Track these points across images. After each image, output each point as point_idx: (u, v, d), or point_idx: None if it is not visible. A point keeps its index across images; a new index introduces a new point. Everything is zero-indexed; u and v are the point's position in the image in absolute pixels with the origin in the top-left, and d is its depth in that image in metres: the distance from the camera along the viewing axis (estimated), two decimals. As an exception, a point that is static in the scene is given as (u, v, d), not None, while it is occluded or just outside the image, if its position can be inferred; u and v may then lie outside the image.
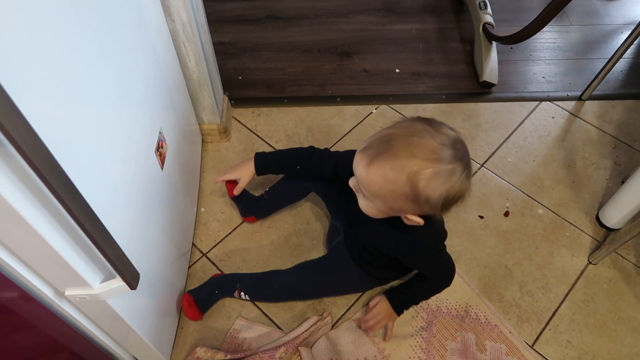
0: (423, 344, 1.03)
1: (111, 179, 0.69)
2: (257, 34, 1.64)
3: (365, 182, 0.73)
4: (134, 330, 0.80)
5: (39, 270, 0.61)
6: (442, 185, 0.69)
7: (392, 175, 0.69)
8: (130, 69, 0.78)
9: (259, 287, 1.06)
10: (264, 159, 1.03)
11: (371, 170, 0.71)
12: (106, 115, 0.68)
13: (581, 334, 1.05)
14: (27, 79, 0.48)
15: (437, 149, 0.68)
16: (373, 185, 0.73)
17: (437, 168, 0.68)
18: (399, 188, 0.70)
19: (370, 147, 0.72)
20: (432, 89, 1.51)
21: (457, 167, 0.69)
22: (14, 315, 0.66)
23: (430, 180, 0.68)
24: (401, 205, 0.74)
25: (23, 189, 0.48)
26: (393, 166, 0.69)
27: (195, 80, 1.17)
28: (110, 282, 0.65)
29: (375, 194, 0.74)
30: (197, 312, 1.03)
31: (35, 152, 0.43)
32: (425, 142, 0.68)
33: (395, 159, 0.69)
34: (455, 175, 0.69)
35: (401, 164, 0.68)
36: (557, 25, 1.70)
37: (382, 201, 0.75)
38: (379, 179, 0.71)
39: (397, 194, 0.71)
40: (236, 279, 1.07)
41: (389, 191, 0.71)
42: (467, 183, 0.71)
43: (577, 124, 1.42)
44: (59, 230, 0.55)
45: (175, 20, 1.02)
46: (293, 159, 1.01)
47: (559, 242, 1.19)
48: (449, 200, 0.71)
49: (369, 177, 0.72)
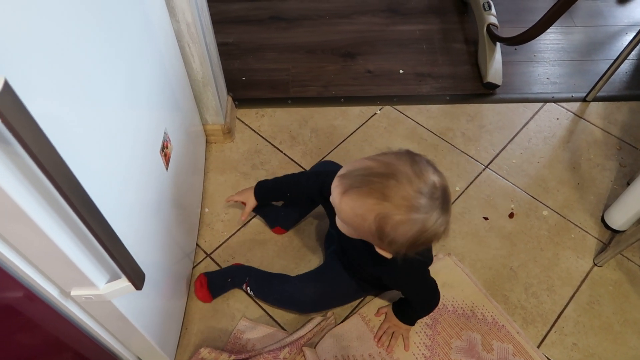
0: (427, 341, 1.03)
1: (117, 179, 0.69)
2: (260, 35, 1.64)
3: (338, 208, 0.74)
4: (138, 331, 0.80)
5: (45, 270, 0.61)
6: (409, 232, 0.68)
7: (361, 211, 0.69)
8: (136, 69, 0.78)
9: (262, 286, 1.06)
10: (262, 188, 1.07)
11: (343, 201, 0.71)
12: (113, 115, 0.68)
13: (587, 336, 1.05)
14: (35, 79, 0.48)
15: (411, 197, 0.66)
16: (344, 213, 0.73)
17: (406, 216, 0.67)
18: (366, 225, 0.70)
19: (347, 176, 0.71)
20: (436, 90, 1.51)
21: (430, 217, 0.67)
22: (19, 315, 0.66)
23: (397, 226, 0.67)
24: (369, 238, 0.75)
25: (30, 188, 0.48)
26: (363, 204, 0.68)
27: (200, 80, 1.17)
28: (116, 282, 0.65)
29: (345, 220, 0.75)
30: (207, 294, 1.05)
31: (42, 151, 0.42)
32: (401, 187, 0.66)
33: (368, 197, 0.68)
34: (428, 223, 0.67)
35: (371, 203, 0.68)
36: (562, 26, 1.70)
37: (352, 228, 0.75)
38: (349, 210, 0.71)
39: (364, 229, 0.71)
40: (248, 271, 1.08)
41: (357, 224, 0.72)
42: (441, 228, 0.69)
43: (581, 126, 1.42)
44: (66, 230, 0.55)
45: (179, 20, 1.02)
46: (285, 187, 1.04)
47: (564, 244, 1.18)
48: (419, 243, 0.70)
49: (340, 206, 0.72)
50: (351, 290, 1.04)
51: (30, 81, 0.46)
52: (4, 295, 0.61)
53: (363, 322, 1.05)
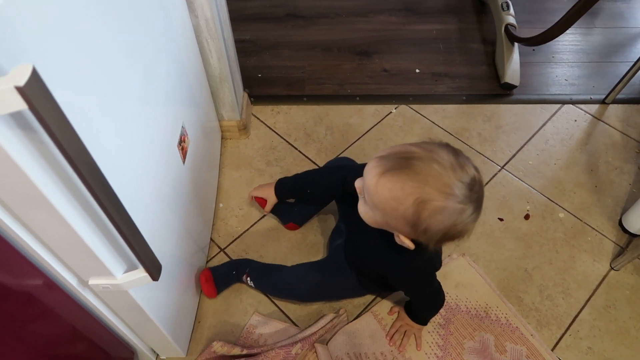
0: (440, 341, 1.02)
1: (136, 170, 0.70)
2: (277, 32, 1.65)
3: (372, 190, 0.71)
4: (153, 322, 0.81)
5: (64, 259, 0.62)
6: (445, 222, 0.67)
7: (400, 194, 0.67)
8: (155, 63, 0.78)
9: (262, 276, 1.07)
10: (282, 186, 1.07)
11: (381, 182, 0.68)
12: (133, 107, 0.69)
13: (602, 340, 1.04)
14: (60, 68, 0.49)
15: (453, 185, 0.65)
16: (378, 196, 0.70)
17: (446, 203, 0.65)
18: (402, 209, 0.68)
19: (388, 157, 0.69)
20: (452, 89, 1.50)
21: (467, 209, 0.67)
22: (38, 303, 0.67)
23: (435, 213, 0.66)
24: (398, 225, 0.72)
25: (53, 176, 0.48)
26: (404, 186, 0.67)
27: (217, 76, 1.18)
28: (133, 272, 0.66)
29: (377, 204, 0.71)
30: (212, 288, 1.05)
31: (67, 139, 0.43)
32: (445, 173, 0.65)
33: (409, 179, 0.66)
34: (462, 216, 0.67)
35: (413, 186, 0.66)
36: (581, 27, 1.68)
37: (381, 213, 0.72)
38: (386, 192, 0.68)
39: (398, 214, 0.69)
40: (248, 263, 1.09)
41: (391, 208, 0.69)
42: (471, 225, 0.69)
43: (600, 128, 1.40)
44: (86, 219, 0.56)
45: (198, 16, 1.02)
46: (306, 184, 1.04)
47: (580, 247, 1.17)
48: (448, 236, 0.69)
49: (376, 187, 0.69)
50: (349, 285, 1.03)
51: (55, 70, 0.47)
52: (25, 282, 0.62)
53: (375, 320, 1.05)
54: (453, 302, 1.07)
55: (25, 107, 0.38)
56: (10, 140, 0.42)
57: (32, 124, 0.43)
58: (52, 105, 0.41)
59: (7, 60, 0.40)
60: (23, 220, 0.53)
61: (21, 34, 0.42)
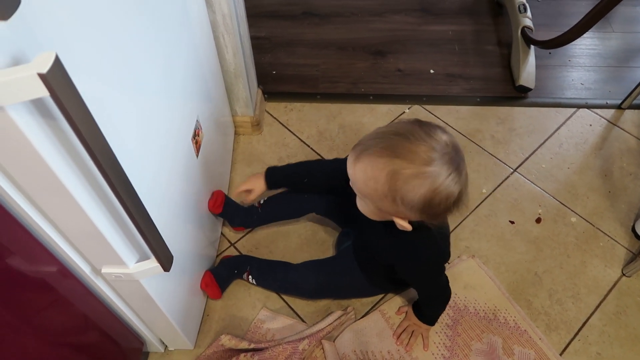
0: (447, 341, 1.02)
1: (151, 162, 0.71)
2: (292, 30, 1.65)
3: (353, 179, 0.74)
4: (162, 313, 0.82)
5: (79, 247, 0.63)
6: (421, 187, 0.67)
7: (372, 173, 0.70)
8: (172, 56, 0.79)
9: (265, 274, 1.07)
10: (274, 173, 1.04)
11: (357, 167, 0.72)
12: (150, 99, 0.70)
13: (612, 346, 1.03)
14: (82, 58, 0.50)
15: (421, 151, 0.67)
16: (359, 183, 0.73)
17: (417, 169, 0.67)
18: (380, 187, 0.70)
19: (359, 144, 0.72)
20: (466, 91, 1.49)
21: (441, 171, 0.67)
22: (51, 290, 0.68)
23: (408, 180, 0.67)
24: (385, 206, 0.73)
25: (71, 164, 0.49)
26: (375, 164, 0.69)
27: (232, 72, 1.18)
28: (146, 262, 0.67)
29: (361, 191, 0.75)
30: (217, 289, 1.04)
31: (86, 128, 0.44)
32: (411, 143, 0.68)
33: (378, 157, 0.69)
34: (439, 178, 0.67)
35: (383, 162, 0.68)
36: (599, 31, 1.66)
37: (369, 200, 0.75)
38: (362, 175, 0.71)
39: (379, 193, 0.71)
40: (248, 260, 1.09)
41: (372, 189, 0.71)
42: (454, 187, 0.69)
43: (615, 133, 1.39)
44: (102, 208, 0.57)
45: (216, 11, 1.03)
46: (301, 173, 1.03)
47: (591, 252, 1.16)
48: (433, 205, 0.69)
49: (355, 174, 0.73)
50: (355, 284, 1.03)
51: (78, 60, 0.48)
52: (40, 269, 0.63)
53: (383, 319, 1.05)
54: (461, 303, 1.07)
55: (47, 94, 0.39)
56: (32, 127, 0.43)
57: (52, 112, 0.44)
58: (73, 94, 0.42)
59: (30, 49, 0.41)
60: (40, 207, 0.54)
61: (46, 24, 0.43)
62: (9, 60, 0.38)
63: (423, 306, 0.99)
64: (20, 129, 0.42)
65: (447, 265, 1.12)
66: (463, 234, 1.18)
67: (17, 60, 0.39)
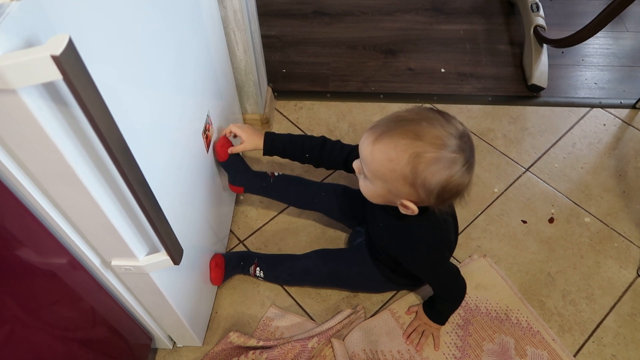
0: (458, 342, 1.00)
1: (163, 156, 0.70)
2: (303, 29, 1.65)
3: (368, 159, 0.74)
4: (171, 307, 0.81)
5: (89, 238, 0.62)
6: (441, 172, 0.69)
7: (394, 154, 0.70)
8: (184, 50, 0.79)
9: (274, 265, 1.06)
10: (274, 139, 0.98)
11: (375, 148, 0.72)
12: (162, 91, 0.69)
13: (627, 348, 1.01)
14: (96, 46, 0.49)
15: (444, 136, 0.69)
16: (375, 163, 0.73)
17: (440, 154, 0.69)
18: (400, 168, 0.70)
19: (378, 125, 0.73)
20: (478, 90, 1.48)
21: (459, 158, 0.70)
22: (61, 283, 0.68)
23: (431, 164, 0.69)
24: (398, 188, 0.74)
25: (83, 152, 0.49)
26: (397, 145, 0.70)
27: (242, 68, 1.18)
28: (156, 255, 0.66)
29: (375, 173, 0.75)
30: (221, 275, 1.02)
31: (99, 114, 0.43)
32: (433, 128, 0.70)
33: (401, 138, 0.70)
34: (456, 166, 0.69)
35: (406, 143, 0.69)
36: (612, 31, 1.64)
37: (381, 181, 0.75)
38: (382, 156, 0.72)
39: (397, 175, 0.71)
40: (256, 254, 1.09)
41: (389, 170, 0.72)
42: (466, 176, 0.71)
43: (630, 133, 1.37)
44: (113, 199, 0.56)
45: (227, 7, 1.03)
46: (304, 146, 0.98)
47: (606, 253, 1.14)
48: (446, 190, 0.71)
49: (372, 155, 0.73)
50: (369, 276, 1.01)
51: (91, 47, 0.48)
52: (50, 260, 0.63)
53: (393, 319, 1.04)
54: (473, 303, 1.06)
55: (59, 77, 0.38)
56: (44, 112, 0.42)
57: (65, 97, 0.44)
58: (86, 79, 0.41)
59: (44, 33, 0.40)
60: (51, 195, 0.54)
61: (59, 8, 0.42)
62: (22, 42, 0.38)
63: (436, 301, 0.97)
64: (33, 113, 0.41)
65: (459, 264, 1.11)
66: (475, 233, 1.17)
67: (29, 43, 0.39)
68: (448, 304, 0.96)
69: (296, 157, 1.00)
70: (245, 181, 1.05)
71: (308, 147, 0.98)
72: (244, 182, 1.06)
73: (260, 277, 1.07)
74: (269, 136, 0.99)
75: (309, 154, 0.99)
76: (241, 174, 1.05)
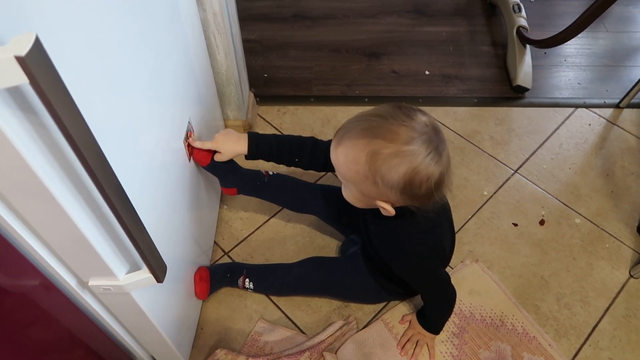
0: (454, 350, 0.97)
1: (142, 164, 0.66)
2: (284, 33, 1.62)
3: (335, 164, 0.74)
4: (155, 327, 0.76)
5: (64, 257, 0.57)
6: (401, 166, 0.67)
7: (353, 155, 0.70)
8: (162, 55, 0.74)
9: (265, 276, 1.02)
10: (260, 142, 0.90)
11: (339, 151, 0.72)
12: (140, 101, 0.65)
13: (623, 351, 0.99)
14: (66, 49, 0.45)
15: (400, 131, 0.67)
16: (341, 166, 0.73)
17: (396, 148, 0.67)
18: (361, 168, 0.69)
19: (341, 128, 0.73)
20: (463, 92, 1.46)
21: (420, 150, 0.67)
22: (34, 306, 0.63)
23: (388, 159, 0.67)
24: (368, 189, 0.72)
25: (54, 163, 0.44)
26: (355, 145, 0.69)
27: (223, 73, 1.14)
28: (137, 273, 0.62)
29: (344, 176, 0.74)
30: (206, 289, 0.98)
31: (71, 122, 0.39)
32: (391, 124, 0.68)
33: (358, 139, 0.69)
34: (418, 157, 0.67)
35: (363, 143, 0.68)
36: (593, 31, 1.65)
37: (352, 184, 0.74)
38: (343, 159, 0.71)
39: (360, 175, 0.70)
40: (244, 265, 1.05)
41: (354, 172, 0.71)
42: (435, 167, 0.68)
43: (615, 132, 1.37)
44: (88, 213, 0.51)
45: (206, 9, 0.99)
46: (293, 148, 0.91)
47: (597, 254, 1.13)
48: (414, 185, 0.69)
49: (337, 159, 0.72)
50: (364, 285, 0.98)
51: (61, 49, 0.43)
52: (20, 282, 0.58)
53: (386, 329, 1.01)
54: (467, 310, 1.03)
55: (25, 80, 0.34)
56: (9, 121, 0.38)
57: (32, 104, 0.39)
58: (55, 81, 0.37)
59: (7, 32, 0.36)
60: (20, 212, 0.49)
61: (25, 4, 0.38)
62: (-20, 41, 0.33)
63: (427, 310, 0.94)
64: (-5, 122, 0.37)
65: (451, 270, 1.08)
66: (466, 238, 1.14)
67: (-10, 43, 0.34)
68: (437, 313, 0.93)
69: (284, 160, 0.93)
70: (238, 182, 0.98)
71: (298, 149, 0.91)
72: (236, 182, 0.98)
73: (250, 289, 1.02)
74: (253, 138, 0.90)
75: (298, 158, 0.92)
76: (232, 175, 0.97)
